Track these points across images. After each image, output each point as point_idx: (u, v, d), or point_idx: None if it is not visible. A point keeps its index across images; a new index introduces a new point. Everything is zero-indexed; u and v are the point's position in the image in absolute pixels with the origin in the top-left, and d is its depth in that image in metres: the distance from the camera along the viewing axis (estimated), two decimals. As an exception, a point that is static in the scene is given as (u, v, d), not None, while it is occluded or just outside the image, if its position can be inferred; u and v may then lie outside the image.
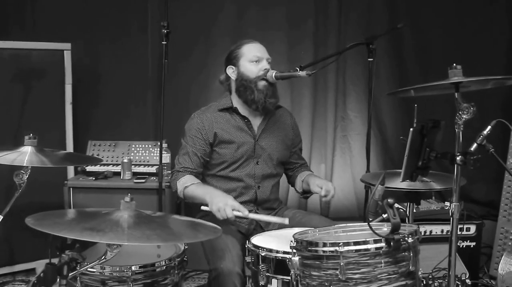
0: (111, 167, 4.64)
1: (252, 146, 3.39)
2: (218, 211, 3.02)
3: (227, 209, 3.00)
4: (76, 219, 2.38)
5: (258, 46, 3.42)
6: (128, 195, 2.41)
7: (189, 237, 2.29)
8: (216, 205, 3.03)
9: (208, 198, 3.12)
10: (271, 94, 3.34)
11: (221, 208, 3.01)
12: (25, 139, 2.99)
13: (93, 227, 2.17)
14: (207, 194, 3.16)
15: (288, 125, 3.61)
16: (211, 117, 3.39)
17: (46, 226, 2.19)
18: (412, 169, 2.64)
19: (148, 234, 2.16)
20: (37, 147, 3.01)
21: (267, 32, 4.40)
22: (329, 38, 5.00)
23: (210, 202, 3.08)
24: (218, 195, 3.13)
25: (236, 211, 3.02)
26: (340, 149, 5.14)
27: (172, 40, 4.10)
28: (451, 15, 4.97)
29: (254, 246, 2.84)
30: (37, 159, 2.91)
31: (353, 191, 5.12)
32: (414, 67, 5.01)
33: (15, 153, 2.95)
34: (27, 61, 4.50)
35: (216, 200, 3.06)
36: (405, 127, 4.81)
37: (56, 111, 4.62)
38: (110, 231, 2.14)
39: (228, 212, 3.00)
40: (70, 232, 2.11)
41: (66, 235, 2.10)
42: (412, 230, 2.36)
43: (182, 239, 2.21)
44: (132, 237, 2.12)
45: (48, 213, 2.48)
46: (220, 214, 3.02)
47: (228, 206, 3.01)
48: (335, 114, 5.10)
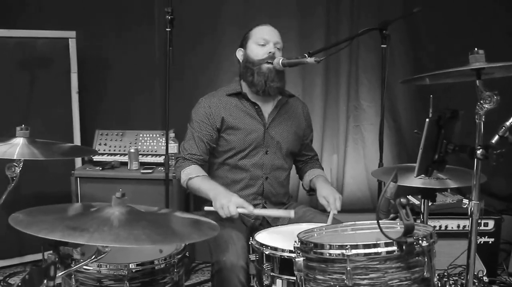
0: (119, 157, 4.47)
1: (261, 134, 3.15)
2: (221, 208, 2.81)
3: (231, 206, 2.78)
4: (62, 217, 2.12)
5: (268, 29, 3.18)
6: (120, 190, 2.15)
7: (181, 237, 2.02)
8: (220, 202, 2.82)
9: (212, 195, 2.91)
10: (273, 78, 3.09)
11: (225, 205, 2.79)
12: (17, 131, 2.75)
13: (77, 226, 1.94)
14: (211, 190, 2.94)
15: (300, 115, 3.36)
16: (219, 101, 3.17)
17: (27, 225, 1.95)
18: (427, 163, 2.36)
19: (136, 235, 1.91)
20: (29, 139, 2.77)
21: (277, 20, 4.12)
22: (341, 25, 4.74)
23: (214, 198, 2.88)
24: (221, 192, 2.91)
25: (240, 208, 2.80)
26: (352, 139, 4.89)
27: (179, 28, 3.90)
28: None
29: (258, 243, 2.61)
30: (28, 152, 2.67)
31: (366, 183, 4.88)
32: (430, 54, 4.71)
33: (6, 145, 2.71)
34: (32, 50, 4.34)
35: (219, 197, 2.85)
36: (421, 117, 4.52)
37: (62, 101, 4.47)
38: (95, 231, 1.91)
39: (232, 210, 2.78)
40: (50, 232, 1.87)
41: (45, 235, 1.85)
42: (427, 233, 2.09)
43: (172, 239, 1.95)
44: (118, 238, 1.87)
45: (37, 209, 2.27)
46: (223, 211, 2.80)
47: (231, 203, 2.79)
48: (348, 103, 4.85)
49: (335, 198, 3.00)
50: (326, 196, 3.03)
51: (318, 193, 3.11)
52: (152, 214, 2.27)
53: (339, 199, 3.00)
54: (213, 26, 4.78)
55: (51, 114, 4.37)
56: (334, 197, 3.00)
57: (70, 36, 4.42)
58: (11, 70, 4.28)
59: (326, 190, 3.08)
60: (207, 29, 4.79)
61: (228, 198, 2.81)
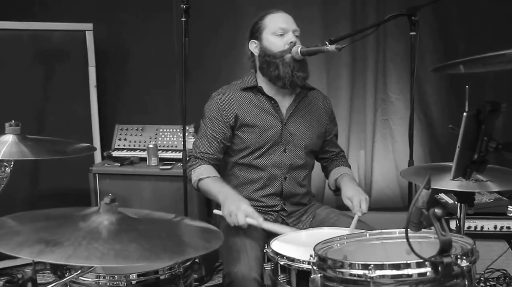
0: (138, 152, 4.18)
1: (279, 131, 2.77)
2: (229, 215, 2.46)
3: (239, 215, 2.43)
4: (41, 226, 1.75)
5: (283, 16, 2.79)
6: (109, 195, 1.79)
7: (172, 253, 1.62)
8: (228, 208, 2.47)
9: (221, 199, 2.56)
10: (298, 67, 2.70)
11: (233, 212, 2.44)
12: (6, 127, 2.40)
13: (50, 239, 1.57)
14: (221, 193, 2.59)
15: (321, 109, 2.96)
16: (232, 96, 2.80)
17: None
18: (465, 164, 1.96)
19: (117, 250, 1.53)
20: (19, 136, 2.42)
21: (299, 10, 3.76)
22: (368, 14, 4.32)
23: (222, 204, 2.53)
24: (231, 197, 2.55)
25: (249, 218, 2.44)
26: (380, 134, 4.46)
27: (197, 16, 3.51)
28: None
29: (274, 252, 2.24)
30: (17, 151, 2.32)
31: (395, 180, 4.45)
32: (461, 43, 4.25)
33: (-7, 143, 2.36)
34: (47, 43, 4.07)
35: (228, 202, 2.50)
36: (453, 111, 4.29)
37: (80, 95, 4.21)
38: (70, 245, 1.54)
39: (240, 218, 2.43)
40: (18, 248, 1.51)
41: (9, 251, 1.50)
42: (467, 249, 1.66)
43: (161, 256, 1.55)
44: (94, 254, 1.50)
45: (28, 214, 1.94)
46: (231, 219, 2.46)
47: (240, 211, 2.44)
48: (375, 96, 4.42)
49: (361, 199, 2.61)
50: (350, 197, 2.65)
51: (343, 194, 2.72)
52: (147, 222, 1.89)
53: (365, 201, 2.61)
54: (232, 14, 4.42)
55: (68, 109, 4.12)
56: (360, 198, 2.61)
57: (87, 29, 4.14)
58: (25, 64, 4.02)
59: (351, 190, 2.69)
60: (226, 17, 4.44)
61: (237, 205, 2.46)
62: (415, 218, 1.61)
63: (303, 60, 2.71)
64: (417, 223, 1.60)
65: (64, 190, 4.06)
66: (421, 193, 1.54)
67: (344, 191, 2.72)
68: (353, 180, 2.86)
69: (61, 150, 2.59)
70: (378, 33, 3.63)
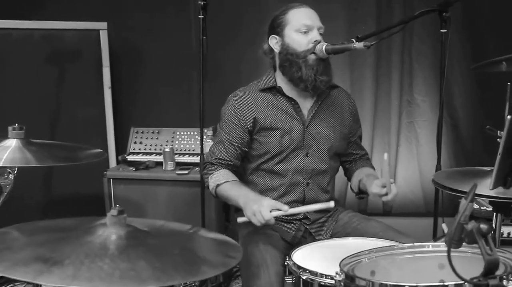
0: (154, 156, 4.00)
1: (300, 134, 2.58)
2: (253, 215, 2.26)
3: (263, 211, 2.23)
4: (44, 241, 1.59)
5: (307, 12, 2.58)
6: (116, 206, 1.63)
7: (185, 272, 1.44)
8: (251, 209, 2.28)
9: (242, 202, 2.36)
10: (322, 70, 2.51)
11: (256, 211, 2.24)
12: (9, 131, 2.24)
13: (50, 257, 1.41)
14: (241, 196, 2.40)
15: (345, 108, 2.76)
16: (250, 98, 2.61)
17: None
18: (506, 172, 1.75)
19: (123, 270, 1.37)
20: (23, 140, 2.26)
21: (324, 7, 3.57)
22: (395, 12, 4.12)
23: (244, 207, 2.34)
24: (252, 197, 2.36)
25: (274, 211, 2.25)
26: (405, 137, 4.26)
27: (215, 12, 3.37)
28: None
29: (295, 265, 2.09)
30: (20, 157, 2.17)
31: (419, 185, 4.26)
32: (492, 42, 4.02)
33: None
34: (59, 42, 3.94)
35: (249, 203, 2.30)
36: (479, 112, 4.11)
37: (94, 97, 4.06)
38: (71, 264, 1.38)
39: (265, 214, 2.23)
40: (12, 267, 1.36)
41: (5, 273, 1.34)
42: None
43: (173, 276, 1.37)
44: (97, 275, 1.34)
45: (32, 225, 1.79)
46: (256, 219, 2.25)
47: (264, 207, 2.24)
48: (400, 98, 4.22)
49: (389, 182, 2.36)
50: (378, 183, 2.40)
51: (370, 185, 2.48)
52: (159, 236, 1.72)
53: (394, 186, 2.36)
54: (252, 10, 4.22)
55: (82, 112, 3.98)
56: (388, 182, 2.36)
57: (101, 28, 4.00)
58: (37, 65, 3.87)
59: (379, 180, 2.43)
60: (246, 14, 4.24)
61: (259, 203, 2.27)
62: (456, 234, 1.42)
63: (326, 60, 2.53)
64: (458, 240, 1.42)
65: (77, 195, 3.94)
66: (467, 208, 1.35)
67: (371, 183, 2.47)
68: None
69: (68, 156, 2.43)
70: (403, 33, 3.44)
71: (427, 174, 4.15)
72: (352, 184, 2.82)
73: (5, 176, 2.20)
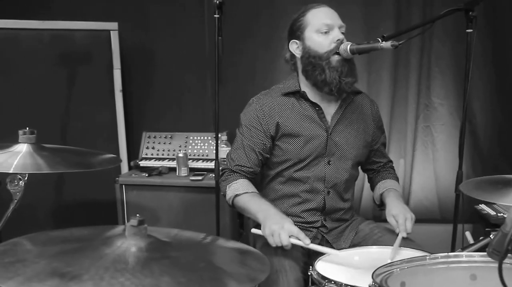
0: (167, 161, 3.90)
1: (324, 141, 2.48)
2: (271, 235, 2.19)
3: (282, 235, 2.16)
4: (59, 252, 1.48)
5: (327, 11, 2.48)
6: (137, 216, 1.51)
7: None
8: (270, 228, 2.20)
9: (261, 218, 2.28)
10: (347, 71, 2.40)
11: (275, 232, 2.17)
12: (20, 135, 2.13)
13: (67, 271, 1.30)
14: (261, 211, 2.31)
15: (368, 116, 2.66)
16: (273, 103, 2.50)
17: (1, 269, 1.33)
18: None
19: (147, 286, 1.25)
20: (35, 145, 2.14)
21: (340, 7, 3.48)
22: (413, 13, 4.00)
23: (263, 223, 2.25)
24: (273, 215, 2.27)
25: (293, 239, 2.18)
26: (421, 142, 4.13)
27: (230, 12, 3.25)
28: None
29: (320, 276, 2.00)
30: (31, 162, 2.04)
31: (434, 191, 4.13)
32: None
33: (6, 153, 2.09)
34: (69, 43, 3.82)
35: (270, 222, 2.22)
36: (498, 118, 4.00)
37: (105, 100, 3.94)
38: (90, 279, 1.27)
39: (284, 238, 2.16)
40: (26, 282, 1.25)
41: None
42: None
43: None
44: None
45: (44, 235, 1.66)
46: (273, 239, 2.18)
47: (284, 230, 2.17)
48: (418, 101, 4.09)
49: (406, 218, 2.36)
50: (395, 215, 2.39)
51: (387, 211, 2.46)
52: (179, 247, 1.60)
53: (410, 220, 2.37)
54: (268, 11, 4.10)
55: (92, 116, 3.86)
56: (405, 216, 2.37)
57: (112, 28, 3.88)
58: (46, 66, 3.76)
59: (397, 208, 2.43)
60: (262, 14, 4.11)
61: (281, 224, 2.19)
62: (499, 245, 1.32)
63: (351, 60, 2.42)
64: (504, 251, 1.31)
65: (89, 202, 3.84)
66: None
67: (389, 208, 2.46)
68: (399, 197, 2.59)
69: (81, 162, 2.30)
70: (423, 34, 3.32)
71: (443, 180, 4.05)
72: (374, 195, 2.75)
73: (15, 183, 2.07)
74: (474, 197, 2.15)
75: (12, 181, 2.07)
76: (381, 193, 2.62)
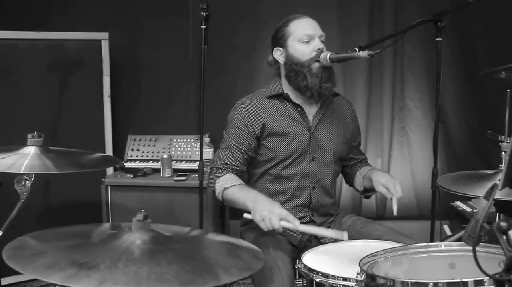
0: (151, 163, 4.02)
1: (307, 139, 2.63)
2: (262, 220, 2.27)
3: (273, 219, 2.24)
4: (71, 246, 1.61)
5: (308, 22, 2.65)
6: (141, 211, 1.66)
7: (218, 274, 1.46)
8: (260, 213, 2.28)
9: (251, 205, 2.36)
10: (326, 78, 2.57)
11: (266, 217, 2.25)
12: (28, 138, 2.26)
13: (85, 262, 1.43)
14: (250, 199, 2.40)
15: (347, 115, 2.83)
16: (258, 105, 2.64)
17: (23, 259, 1.46)
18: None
19: (158, 273, 1.40)
20: (42, 148, 2.29)
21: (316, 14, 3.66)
22: (386, 20, 4.22)
23: (253, 209, 2.33)
24: (262, 201, 2.37)
25: (284, 222, 2.26)
26: (398, 142, 4.34)
27: (214, 24, 3.40)
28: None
29: (306, 268, 2.11)
30: (40, 164, 2.18)
31: (412, 189, 4.33)
32: (483, 49, 4.14)
33: (15, 155, 2.22)
34: (62, 52, 3.97)
35: (260, 207, 2.30)
36: (471, 118, 4.22)
37: (94, 105, 4.07)
38: (107, 268, 1.41)
39: (274, 222, 2.24)
40: (48, 273, 1.38)
41: (42, 277, 1.36)
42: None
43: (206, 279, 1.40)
44: (135, 279, 1.36)
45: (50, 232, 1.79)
46: (264, 224, 2.26)
47: (274, 214, 2.25)
48: (392, 103, 4.30)
49: (395, 183, 2.49)
50: (384, 183, 2.51)
51: (375, 182, 2.56)
52: (181, 240, 1.75)
53: (399, 185, 2.49)
54: (249, 21, 4.29)
55: (82, 119, 3.99)
56: (394, 182, 2.49)
57: (102, 38, 4.02)
58: (40, 74, 3.90)
59: (384, 177, 2.56)
60: (243, 25, 4.31)
61: (270, 209, 2.27)
62: (473, 231, 1.48)
63: (330, 68, 2.59)
64: (476, 236, 1.47)
65: (75, 202, 3.94)
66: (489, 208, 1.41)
67: (377, 179, 2.57)
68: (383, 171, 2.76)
69: (85, 163, 2.45)
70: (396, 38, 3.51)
71: (420, 178, 4.24)
72: (356, 183, 2.85)
73: (22, 183, 2.20)
74: (451, 190, 2.28)
75: (19, 181, 2.19)
76: (363, 176, 2.75)
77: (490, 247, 1.74)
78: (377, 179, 2.57)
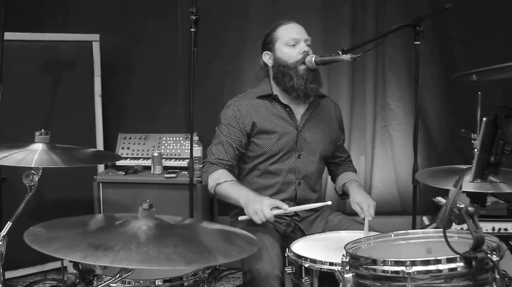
0: (142, 161, 4.18)
1: (294, 137, 2.86)
2: (255, 213, 2.53)
3: (265, 210, 2.50)
4: (84, 231, 1.82)
5: (294, 27, 2.88)
6: (147, 201, 1.86)
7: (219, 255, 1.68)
8: (252, 207, 2.54)
9: (243, 201, 2.63)
10: (311, 79, 2.79)
11: (258, 209, 2.51)
12: (36, 135, 2.44)
13: (100, 243, 1.63)
14: (241, 196, 2.66)
15: (333, 116, 3.06)
16: (249, 104, 2.87)
17: (44, 242, 1.65)
18: (483, 166, 2.03)
19: (167, 254, 1.60)
20: (49, 145, 2.47)
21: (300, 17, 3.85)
22: (368, 22, 4.41)
23: (245, 205, 2.60)
24: (252, 198, 2.63)
25: (275, 209, 2.53)
26: (380, 140, 4.54)
27: (203, 26, 3.59)
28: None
29: (296, 255, 2.32)
30: (48, 159, 2.36)
31: (395, 185, 4.54)
32: (460, 52, 4.35)
33: (24, 151, 2.40)
34: (55, 54, 4.08)
35: (251, 202, 2.57)
36: (449, 117, 4.41)
37: (86, 105, 4.20)
38: (121, 249, 1.61)
39: (266, 213, 2.51)
40: (70, 252, 1.57)
41: (64, 256, 1.56)
42: (494, 245, 1.75)
43: (209, 259, 1.62)
44: (146, 258, 1.57)
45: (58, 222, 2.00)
46: (257, 217, 2.52)
47: (265, 205, 2.52)
48: (375, 103, 4.50)
49: (369, 204, 2.72)
50: (359, 202, 2.75)
51: (352, 199, 2.83)
52: (182, 227, 1.96)
53: (373, 206, 2.73)
54: (237, 25, 4.47)
55: (74, 118, 4.11)
56: (368, 204, 2.72)
57: (94, 39, 4.16)
58: (34, 74, 4.03)
59: (360, 196, 2.80)
60: (231, 28, 4.49)
61: (261, 202, 2.54)
62: (444, 215, 1.69)
63: (316, 70, 2.80)
64: (447, 221, 1.69)
65: (67, 199, 4.04)
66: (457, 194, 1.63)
67: (353, 196, 2.82)
68: (361, 186, 2.97)
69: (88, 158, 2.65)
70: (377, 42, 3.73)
71: (402, 175, 4.43)
72: (336, 186, 3.11)
73: (30, 177, 2.37)
74: (428, 184, 2.49)
75: (27, 176, 2.36)
76: (343, 184, 2.99)
77: (462, 233, 1.96)
78: (353, 197, 2.82)
